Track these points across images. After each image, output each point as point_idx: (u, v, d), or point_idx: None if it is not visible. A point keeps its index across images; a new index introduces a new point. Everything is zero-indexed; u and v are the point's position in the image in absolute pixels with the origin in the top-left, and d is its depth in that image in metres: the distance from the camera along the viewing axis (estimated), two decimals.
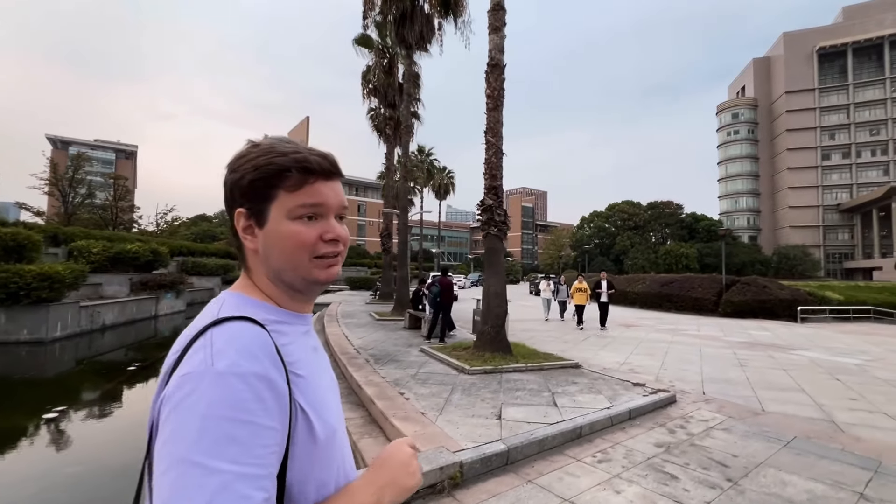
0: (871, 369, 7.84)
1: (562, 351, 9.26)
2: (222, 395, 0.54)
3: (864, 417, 5.13)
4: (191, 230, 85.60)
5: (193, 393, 0.55)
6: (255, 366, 0.58)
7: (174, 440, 0.53)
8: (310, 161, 0.68)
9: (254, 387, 0.56)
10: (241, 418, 0.54)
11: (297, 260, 0.68)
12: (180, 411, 0.54)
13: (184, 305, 20.38)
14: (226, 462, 0.52)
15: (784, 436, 4.49)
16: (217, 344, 0.59)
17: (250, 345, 0.60)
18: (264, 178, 0.67)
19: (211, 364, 0.56)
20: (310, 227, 0.68)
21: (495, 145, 7.71)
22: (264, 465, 0.55)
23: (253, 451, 0.54)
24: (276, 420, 0.57)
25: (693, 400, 5.78)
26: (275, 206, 0.67)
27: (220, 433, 0.53)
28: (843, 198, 74.09)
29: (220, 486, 0.50)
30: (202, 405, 0.54)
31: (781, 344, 10.80)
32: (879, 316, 17.66)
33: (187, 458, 0.51)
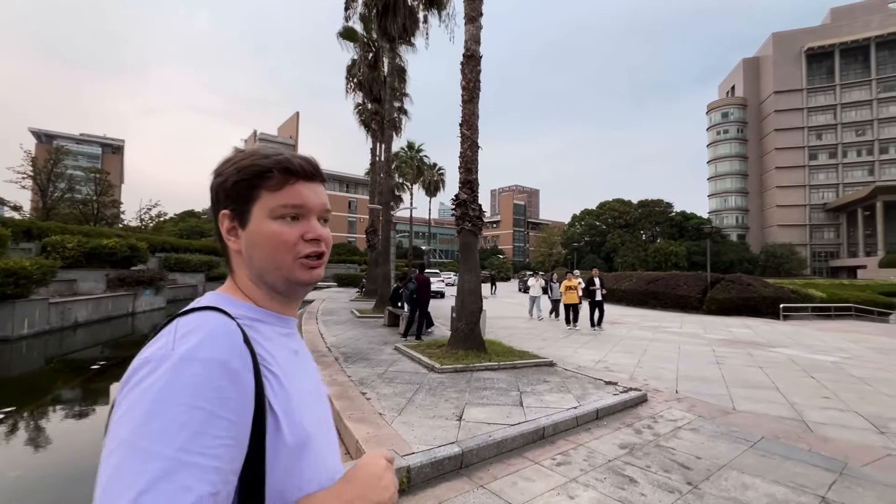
0: (847, 367, 7.80)
1: (539, 349, 9.12)
2: (177, 379, 0.53)
3: (834, 416, 5.04)
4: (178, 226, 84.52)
5: (149, 376, 0.53)
6: (216, 353, 0.56)
7: (122, 422, 0.51)
8: (291, 162, 0.69)
9: (212, 374, 0.55)
10: (193, 404, 0.52)
11: (280, 260, 0.68)
12: (133, 394, 0.53)
13: (164, 302, 19.98)
14: (171, 448, 0.49)
15: (752, 436, 4.38)
16: (181, 330, 0.58)
17: (214, 332, 0.59)
18: (247, 179, 0.68)
19: (171, 349, 0.55)
20: (292, 227, 0.69)
21: (470, 138, 7.53)
22: (214, 456, 0.52)
23: (202, 441, 0.51)
24: (232, 411, 0.55)
25: (665, 399, 5.66)
26: (257, 207, 0.68)
27: (169, 418, 0.51)
28: (830, 197, 75.11)
29: (161, 473, 0.48)
30: (155, 388, 0.52)
31: (761, 341, 10.78)
32: (860, 314, 17.82)
33: (132, 441, 0.50)
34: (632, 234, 72.26)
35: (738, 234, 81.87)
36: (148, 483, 0.47)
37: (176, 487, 0.48)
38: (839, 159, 75.20)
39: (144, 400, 0.52)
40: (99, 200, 32.34)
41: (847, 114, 75.23)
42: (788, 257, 64.84)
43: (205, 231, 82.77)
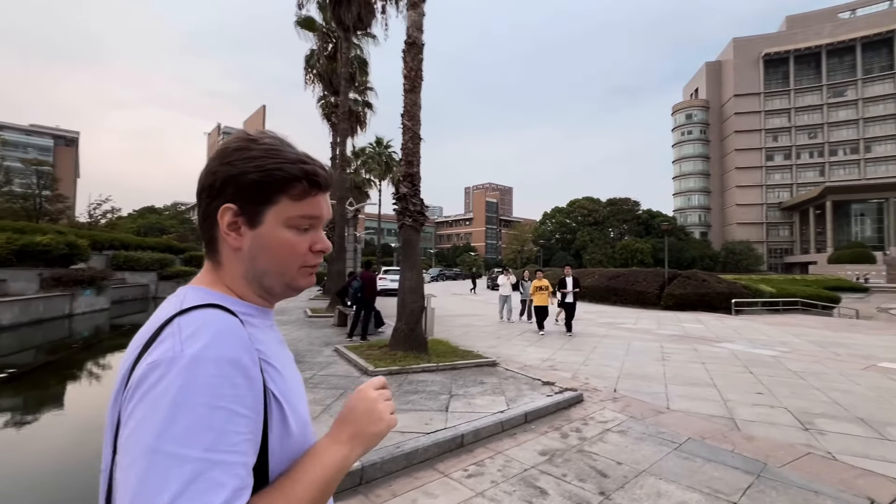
0: (785, 361, 7.93)
1: (490, 347, 8.92)
2: (193, 381, 0.52)
3: (763, 413, 5.00)
4: (137, 223, 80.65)
5: (163, 379, 0.52)
6: (227, 350, 0.56)
7: (142, 430, 0.50)
8: (318, 174, 0.68)
9: (227, 372, 0.54)
10: (214, 404, 0.52)
11: (286, 267, 0.68)
12: (148, 400, 0.51)
13: (108, 303, 18.76)
14: (199, 450, 0.50)
15: (679, 437, 4.25)
16: (186, 330, 0.56)
17: (223, 330, 0.58)
18: (271, 182, 0.65)
19: (181, 350, 0.54)
20: (303, 237, 0.68)
21: (412, 129, 7.19)
22: (238, 452, 0.53)
23: (227, 438, 0.52)
24: (249, 407, 0.56)
25: (601, 399, 5.51)
26: (273, 211, 0.66)
27: (192, 420, 0.51)
28: (784, 196, 78.85)
29: (193, 475, 0.49)
30: (172, 391, 0.51)
31: (710, 336, 10.95)
32: (806, 307, 18.58)
33: (157, 447, 0.49)
34: (600, 232, 73.70)
35: (701, 231, 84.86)
36: (182, 485, 0.48)
37: (209, 486, 0.49)
38: (793, 160, 79.00)
39: (162, 404, 0.51)
40: (42, 195, 30.18)
41: (800, 117, 79.06)
42: (746, 254, 67.67)
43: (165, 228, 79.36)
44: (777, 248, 79.92)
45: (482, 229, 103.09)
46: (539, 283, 11.23)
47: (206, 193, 0.67)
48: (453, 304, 20.22)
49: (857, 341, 10.56)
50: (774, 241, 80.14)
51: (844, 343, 10.22)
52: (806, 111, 78.79)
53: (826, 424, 4.65)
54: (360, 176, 34.91)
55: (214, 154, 0.69)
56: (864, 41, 73.48)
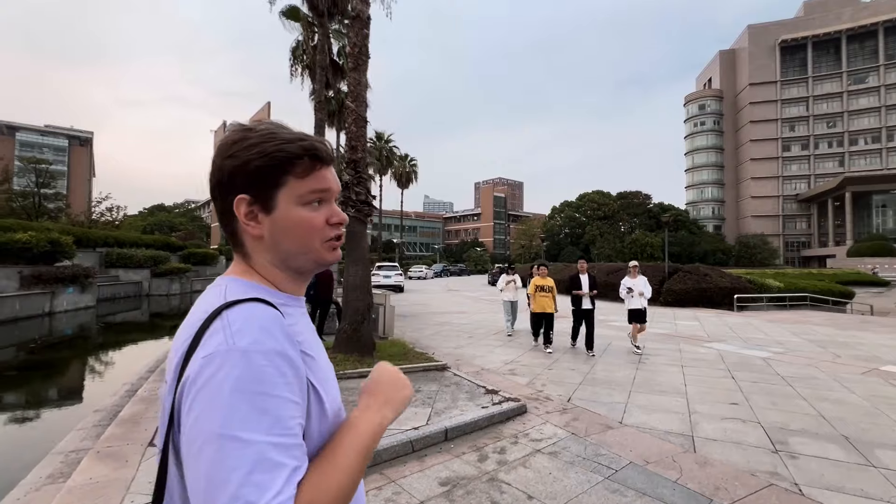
0: (775, 364, 7.14)
1: (455, 348, 8.31)
2: (248, 372, 0.56)
3: (731, 430, 4.29)
4: (147, 220, 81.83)
5: (219, 371, 0.56)
6: (274, 343, 0.59)
7: (205, 418, 0.54)
8: (318, 148, 0.70)
9: (276, 363, 0.58)
10: (268, 392, 0.56)
11: (310, 244, 0.70)
12: (208, 390, 0.55)
13: (93, 300, 18.59)
14: (260, 434, 0.53)
15: (617, 461, 3.58)
16: (235, 324, 0.59)
17: (268, 324, 0.61)
18: (274, 164, 0.67)
19: (233, 343, 0.57)
20: (318, 212, 0.70)
21: (356, 112, 6.58)
22: (293, 434, 0.57)
23: (282, 423, 0.56)
24: (297, 394, 0.60)
25: (549, 410, 4.85)
26: (284, 193, 0.68)
27: (250, 407, 0.54)
28: (802, 188, 76.23)
29: (257, 456, 0.52)
30: (230, 382, 0.55)
31: (701, 335, 10.15)
32: (816, 303, 17.51)
33: (222, 433, 0.53)
34: (610, 226, 72.22)
35: (715, 224, 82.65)
36: (249, 467, 0.51)
37: (272, 465, 0.53)
38: (811, 151, 76.28)
39: (221, 394, 0.54)
40: (41, 193, 30.35)
41: (819, 106, 76.21)
42: (761, 248, 65.57)
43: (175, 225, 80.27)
44: (794, 242, 77.40)
45: (490, 224, 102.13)
46: (540, 281, 8.28)
47: (218, 190, 0.69)
48: (443, 300, 19.61)
49: (865, 340, 9.67)
50: (791, 234, 77.62)
51: (849, 343, 9.34)
52: (825, 99, 75.89)
53: (802, 445, 3.93)
54: None
55: (216, 150, 0.69)
56: (886, 25, 70.30)
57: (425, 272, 44.27)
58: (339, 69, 20.75)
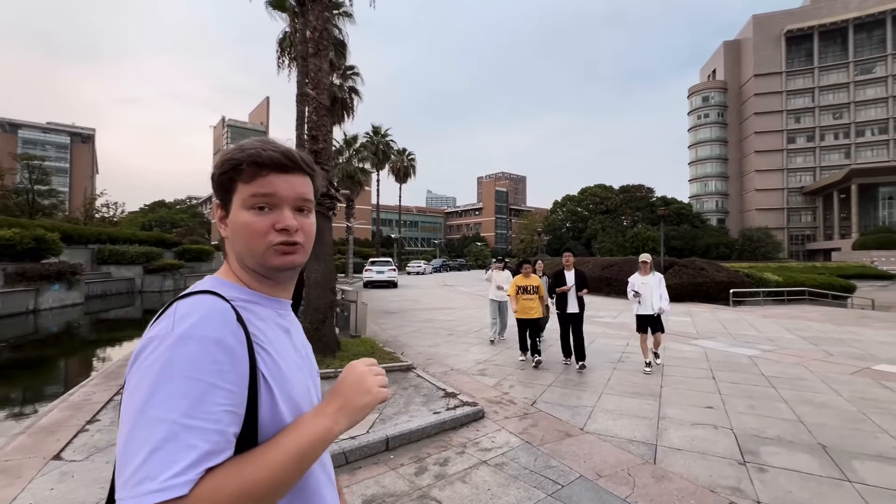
0: (762, 363, 6.79)
1: (429, 347, 8.02)
2: (179, 355, 0.59)
3: (699, 438, 3.97)
4: (148, 217, 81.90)
5: (153, 353, 0.59)
6: (210, 331, 0.62)
7: (132, 394, 0.58)
8: (261, 155, 0.71)
9: (208, 350, 0.60)
10: (194, 376, 0.58)
11: (253, 247, 0.72)
12: (140, 370, 0.59)
13: (81, 297, 18.44)
14: (176, 414, 0.56)
15: (568, 475, 3.27)
16: (180, 312, 0.63)
17: (211, 313, 0.64)
18: (225, 172, 0.73)
19: (171, 329, 0.61)
20: (262, 216, 0.71)
21: (316, 100, 6.25)
22: (214, 420, 0.58)
23: (203, 408, 0.57)
24: (229, 382, 0.61)
25: (509, 415, 4.55)
26: (235, 197, 0.73)
27: (172, 389, 0.57)
28: (807, 181, 75.10)
29: (167, 435, 0.55)
30: (159, 364, 0.58)
31: (690, 332, 9.80)
32: (814, 297, 17.07)
33: (142, 409, 0.56)
34: (612, 220, 71.51)
35: (718, 218, 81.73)
36: (157, 443, 0.54)
37: (181, 446, 0.55)
38: (817, 143, 75.06)
39: (150, 374, 0.58)
40: (34, 189, 30.24)
41: (825, 97, 74.89)
42: (765, 241, 64.72)
43: (176, 221, 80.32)
44: (798, 235, 76.41)
45: (492, 219, 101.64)
46: (523, 280, 6.88)
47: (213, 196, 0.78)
48: (434, 296, 19.31)
49: (861, 337, 9.28)
50: (796, 228, 76.62)
51: (844, 339, 8.96)
52: (831, 90, 74.53)
53: (774, 455, 3.60)
54: (351, 165, 33.96)
55: None
56: (894, 13, 68.81)
57: (424, 267, 43.96)
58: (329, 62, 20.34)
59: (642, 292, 6.42)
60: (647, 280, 6.52)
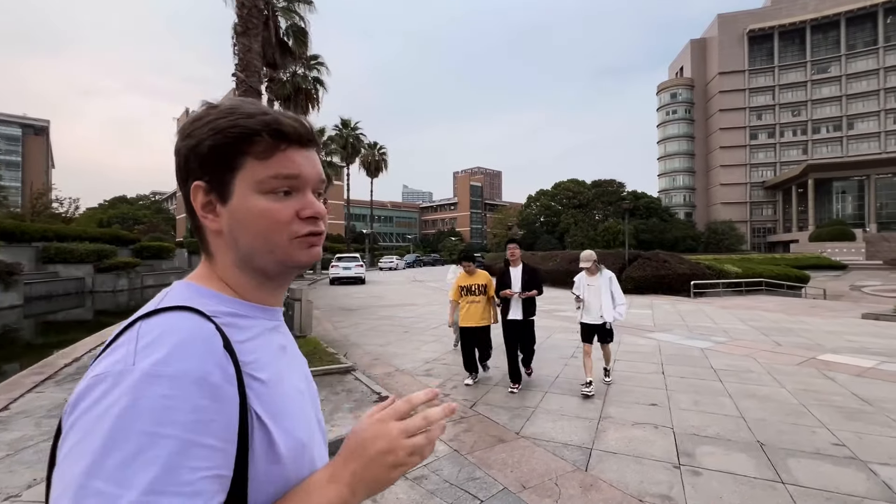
0: (713, 356, 6.76)
1: (381, 346, 7.68)
2: (140, 402, 0.43)
3: (637, 438, 3.77)
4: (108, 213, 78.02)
5: (104, 398, 0.43)
6: (190, 365, 0.46)
7: (72, 459, 0.42)
8: (282, 123, 0.57)
9: (186, 392, 0.44)
10: (160, 432, 0.42)
11: (272, 241, 0.57)
12: (84, 422, 0.43)
13: (19, 299, 17.18)
14: (135, 491, 0.40)
15: (491, 487, 3.00)
16: (144, 338, 0.47)
17: (187, 339, 0.48)
18: (228, 143, 0.55)
19: (131, 363, 0.45)
20: (284, 203, 0.57)
21: (245, 83, 5.78)
22: (191, 493, 0.42)
23: (177, 476, 0.42)
24: (213, 436, 0.45)
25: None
26: (241, 178, 0.56)
27: (131, 452, 0.41)
28: (768, 175, 78.14)
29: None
30: (112, 414, 0.42)
31: (647, 325, 9.78)
32: (771, 288, 17.60)
33: (85, 483, 0.40)
34: (585, 214, 72.60)
35: (686, 212, 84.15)
36: None
37: None
38: (777, 139, 78.11)
39: (99, 430, 0.41)
40: None
41: (784, 95, 77.91)
42: (729, 234, 67.11)
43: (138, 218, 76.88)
44: (760, 228, 79.56)
45: (467, 214, 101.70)
46: (467, 279, 5.47)
47: (178, 177, 0.58)
48: (400, 292, 18.93)
49: (811, 326, 9.48)
50: (758, 221, 79.72)
51: (794, 329, 9.11)
52: (790, 88, 77.60)
53: (710, 456, 3.43)
54: None
55: (178, 131, 0.58)
56: (848, 16, 72.10)
57: (396, 263, 43.46)
58: (288, 49, 19.59)
59: (587, 296, 5.28)
60: (593, 282, 5.29)
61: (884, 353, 6.79)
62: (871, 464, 3.26)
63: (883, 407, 4.46)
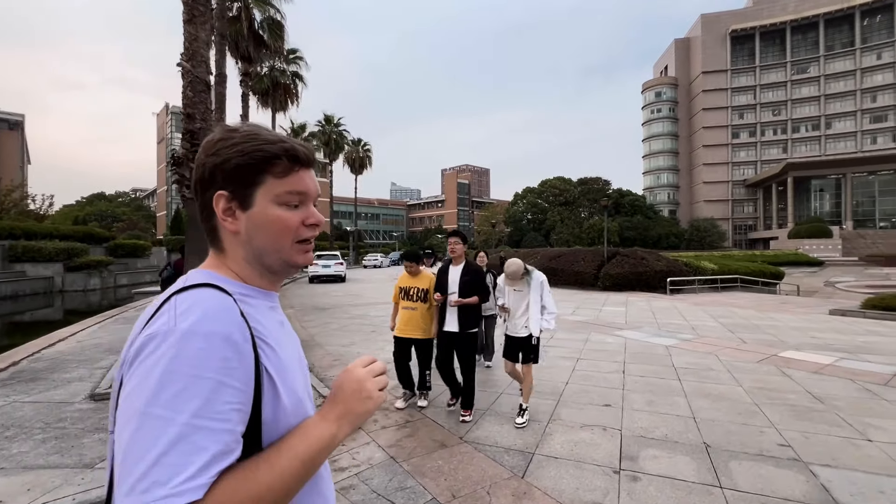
0: (676, 353, 6.72)
1: (344, 346, 7.49)
2: (184, 353, 0.56)
3: (583, 441, 3.66)
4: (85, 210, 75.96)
5: (156, 351, 0.56)
6: (217, 326, 0.59)
7: (135, 395, 0.55)
8: (297, 150, 0.71)
9: (215, 346, 0.58)
10: (201, 374, 0.56)
11: (281, 243, 0.71)
12: (142, 368, 0.56)
13: None
14: (184, 415, 0.53)
15: (419, 498, 2.84)
16: (181, 307, 0.60)
17: (214, 307, 0.61)
18: (252, 163, 0.69)
19: (174, 325, 0.58)
20: (294, 213, 0.71)
21: (192, 73, 5.49)
22: (224, 420, 0.56)
23: (213, 407, 0.55)
24: (237, 379, 0.59)
25: (387, 424, 4.09)
26: (262, 191, 0.69)
27: (180, 388, 0.54)
28: (749, 174, 79.52)
29: (177, 437, 0.52)
30: (164, 362, 0.55)
31: (619, 322, 9.75)
32: (745, 284, 17.80)
33: (147, 410, 0.53)
34: (571, 212, 72.98)
35: (670, 209, 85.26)
36: (166, 446, 0.51)
37: (192, 448, 0.52)
38: (758, 138, 79.49)
39: (154, 373, 0.55)
40: None
41: (765, 94, 79.26)
42: (711, 231, 68.18)
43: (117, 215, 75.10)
44: (742, 225, 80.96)
45: (454, 211, 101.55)
46: (407, 280, 4.63)
47: (199, 186, 0.71)
48: (377, 290, 18.70)
49: (779, 322, 9.55)
50: (739, 218, 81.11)
51: (762, 325, 9.16)
52: (771, 88, 78.99)
53: (652, 460, 3.33)
54: None
55: (201, 148, 0.72)
56: (826, 17, 73.59)
57: (380, 260, 43.11)
58: (262, 42, 19.17)
59: (511, 303, 4.18)
60: (520, 286, 4.16)
61: (844, 350, 6.82)
62: (812, 465, 3.20)
63: (834, 405, 4.43)
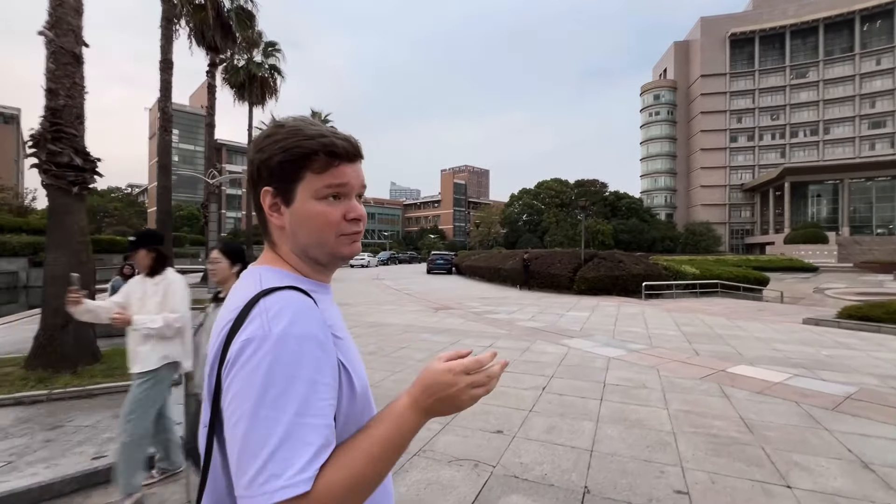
0: (615, 367, 6.04)
1: None
2: (281, 355, 0.59)
3: (438, 483, 3.00)
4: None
5: (255, 355, 0.59)
6: (307, 328, 0.63)
7: (242, 397, 0.58)
8: (336, 145, 0.71)
9: (307, 348, 0.61)
10: (298, 375, 0.59)
11: (324, 237, 0.72)
12: (245, 371, 0.59)
13: None
14: (289, 414, 0.57)
15: None
16: (271, 311, 0.63)
17: (301, 310, 0.64)
18: (292, 160, 0.70)
19: (269, 329, 0.61)
20: (334, 206, 0.72)
21: (55, 43, 4.85)
22: (322, 415, 0.60)
23: (312, 404, 0.59)
24: (328, 376, 0.63)
25: None
26: (302, 187, 0.71)
27: (281, 390, 0.58)
28: (747, 178, 78.83)
29: (286, 434, 0.57)
30: (264, 366, 0.59)
31: (573, 329, 9.07)
32: (727, 290, 17.13)
33: (255, 412, 0.57)
34: (567, 214, 72.33)
35: (667, 213, 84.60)
36: (276, 443, 0.56)
37: (299, 444, 0.57)
38: (756, 142, 78.82)
39: (256, 377, 0.58)
40: None
41: (764, 98, 78.60)
42: (706, 235, 67.48)
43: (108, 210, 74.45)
44: (739, 230, 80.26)
45: (450, 212, 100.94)
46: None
47: (251, 183, 0.75)
48: (351, 292, 18.05)
49: (744, 332, 8.88)
50: (736, 222, 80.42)
51: (724, 335, 8.50)
52: (769, 92, 78.33)
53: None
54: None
55: (252, 144, 0.75)
56: (826, 22, 72.96)
57: (368, 260, 42.44)
58: (230, 32, 18.52)
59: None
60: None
61: (803, 365, 6.16)
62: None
63: (764, 435, 3.77)
